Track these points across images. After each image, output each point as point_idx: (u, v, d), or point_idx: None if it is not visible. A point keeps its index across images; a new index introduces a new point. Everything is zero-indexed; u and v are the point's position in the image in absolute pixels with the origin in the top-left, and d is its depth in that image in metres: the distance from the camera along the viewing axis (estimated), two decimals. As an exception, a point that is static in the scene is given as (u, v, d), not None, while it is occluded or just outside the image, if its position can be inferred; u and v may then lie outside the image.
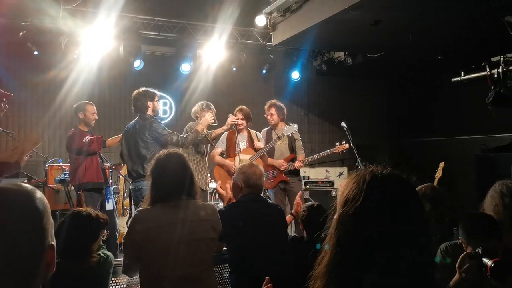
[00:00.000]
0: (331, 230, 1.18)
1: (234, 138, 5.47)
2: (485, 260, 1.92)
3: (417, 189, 3.17)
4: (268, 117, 5.84)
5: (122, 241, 2.71)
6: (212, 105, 5.60)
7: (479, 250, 1.98)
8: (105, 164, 5.63)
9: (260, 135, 5.76)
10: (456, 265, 2.01)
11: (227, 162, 5.48)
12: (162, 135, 4.71)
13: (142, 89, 4.95)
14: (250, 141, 5.56)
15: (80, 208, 2.86)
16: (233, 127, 5.36)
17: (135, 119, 4.94)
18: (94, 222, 2.70)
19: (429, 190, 3.32)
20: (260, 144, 5.49)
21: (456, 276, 2.00)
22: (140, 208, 2.72)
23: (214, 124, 5.23)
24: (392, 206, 1.13)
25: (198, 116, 5.49)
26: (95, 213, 2.77)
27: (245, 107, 5.63)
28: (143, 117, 4.83)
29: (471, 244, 2.20)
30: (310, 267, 1.23)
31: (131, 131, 4.87)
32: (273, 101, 5.93)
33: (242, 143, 5.52)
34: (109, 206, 5.36)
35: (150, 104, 4.88)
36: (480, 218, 2.34)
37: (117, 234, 5.38)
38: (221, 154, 5.61)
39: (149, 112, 4.88)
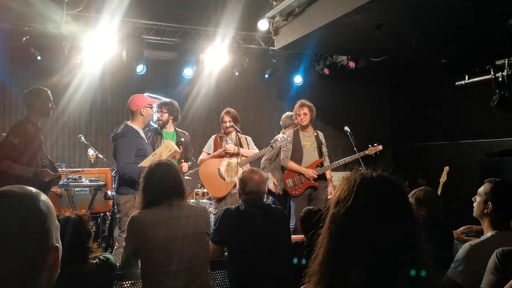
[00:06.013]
0: (324, 229, 1.25)
1: (221, 142, 5.42)
2: None
3: (411, 193, 3.16)
4: (301, 117, 5.51)
5: None
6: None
7: None
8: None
9: (250, 140, 5.61)
10: None
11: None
12: None
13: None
14: (238, 145, 5.32)
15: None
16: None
17: None
18: (77, 221, 2.73)
19: (423, 193, 3.30)
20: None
21: (510, 283, 1.95)
22: (134, 212, 2.85)
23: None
24: (379, 206, 1.19)
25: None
26: (74, 213, 2.83)
27: (232, 109, 5.51)
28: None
29: None
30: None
31: None
32: (303, 100, 5.63)
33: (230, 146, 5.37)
34: None
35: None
36: None
37: None
38: None
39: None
